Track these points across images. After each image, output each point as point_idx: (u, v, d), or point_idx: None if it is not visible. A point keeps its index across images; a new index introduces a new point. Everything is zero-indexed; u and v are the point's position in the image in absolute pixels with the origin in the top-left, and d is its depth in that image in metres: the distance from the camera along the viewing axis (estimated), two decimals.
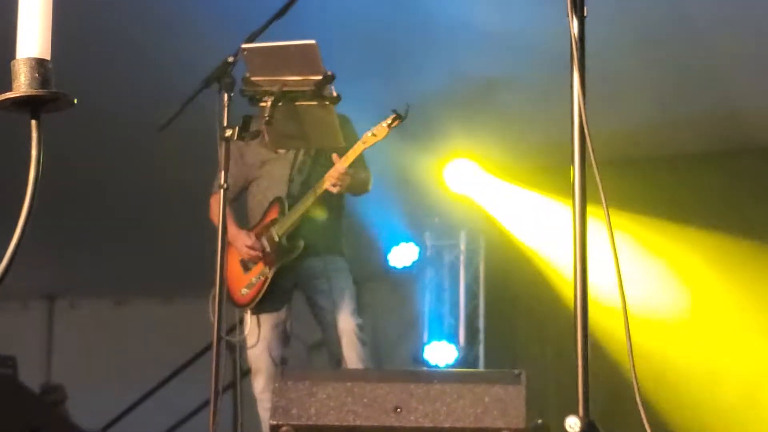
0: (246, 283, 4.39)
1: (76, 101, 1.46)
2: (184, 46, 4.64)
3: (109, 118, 5.38)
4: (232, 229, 4.40)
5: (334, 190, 4.27)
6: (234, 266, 4.41)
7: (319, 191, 4.29)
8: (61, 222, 5.76)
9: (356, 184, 4.41)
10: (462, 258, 7.47)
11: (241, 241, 4.39)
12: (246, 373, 4.69)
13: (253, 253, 4.37)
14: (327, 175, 4.25)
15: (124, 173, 6.26)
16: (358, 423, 3.37)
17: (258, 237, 4.40)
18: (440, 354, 7.05)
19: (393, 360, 7.09)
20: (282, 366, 4.33)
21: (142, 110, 4.93)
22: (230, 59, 3.65)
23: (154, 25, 4.72)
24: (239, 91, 3.78)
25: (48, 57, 1.43)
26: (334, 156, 4.26)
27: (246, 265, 4.42)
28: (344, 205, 4.57)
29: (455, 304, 7.37)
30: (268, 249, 4.37)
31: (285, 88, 3.83)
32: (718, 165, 6.43)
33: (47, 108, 1.45)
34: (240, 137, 3.70)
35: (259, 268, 4.39)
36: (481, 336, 7.24)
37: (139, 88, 5.27)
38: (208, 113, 3.67)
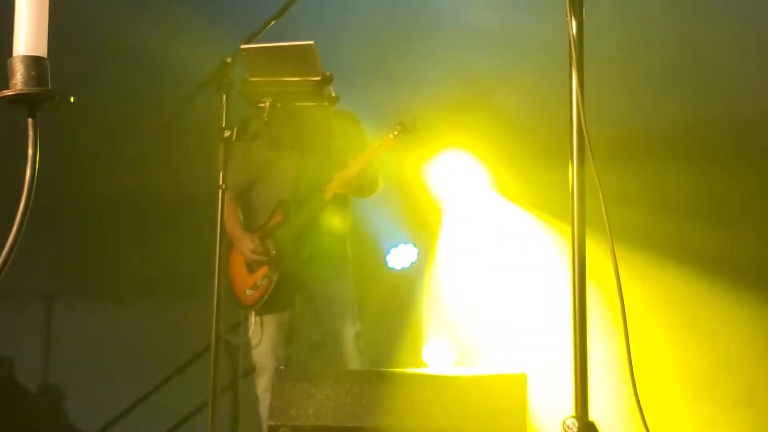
0: (251, 284, 4.39)
1: (72, 99, 1.45)
2: (182, 47, 4.64)
3: (105, 118, 5.38)
4: (238, 231, 4.41)
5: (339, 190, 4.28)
6: (239, 267, 4.41)
7: (324, 199, 4.30)
8: (61, 221, 5.75)
9: (362, 188, 4.42)
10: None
11: (245, 245, 4.39)
12: (246, 373, 4.69)
13: (257, 257, 4.37)
14: (329, 187, 4.27)
15: (123, 173, 6.25)
16: (356, 424, 3.36)
17: (262, 239, 4.40)
18: (439, 355, 7.05)
19: (391, 362, 7.08)
20: (282, 366, 4.34)
21: (139, 111, 4.93)
22: (228, 60, 3.65)
23: (152, 25, 4.72)
24: (238, 91, 3.78)
25: (45, 54, 1.42)
26: (350, 161, 4.28)
27: (251, 267, 4.42)
28: (350, 209, 4.57)
29: (455, 305, 7.37)
30: (273, 252, 4.37)
31: (283, 89, 3.84)
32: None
33: (44, 107, 1.45)
34: (239, 138, 3.70)
35: (264, 270, 4.40)
36: (483, 337, 7.24)
37: (137, 89, 5.27)
38: (207, 114, 3.67)
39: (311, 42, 3.81)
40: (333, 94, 4.02)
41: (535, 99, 4.75)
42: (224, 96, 3.67)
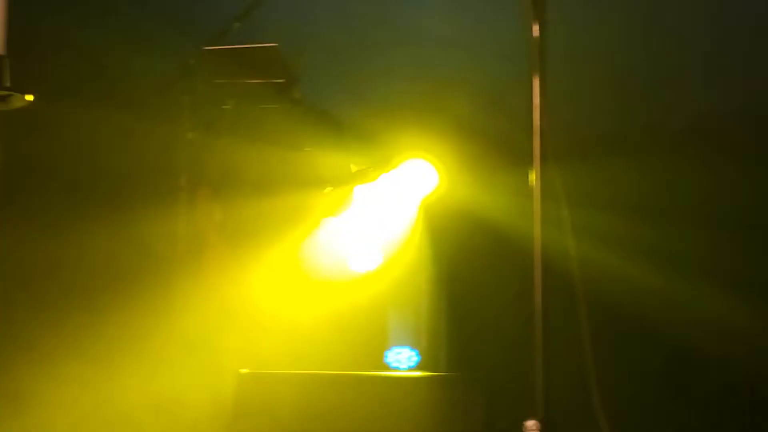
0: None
1: (31, 98, 1.45)
2: (144, 51, 4.64)
3: (62, 122, 5.36)
4: (211, 234, 4.41)
5: None
6: (215, 263, 4.42)
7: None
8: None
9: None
10: (423, 263, 7.52)
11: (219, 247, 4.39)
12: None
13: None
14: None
15: (81, 175, 6.22)
16: (316, 426, 3.37)
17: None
18: (402, 357, 7.07)
19: (355, 363, 7.10)
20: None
21: (99, 116, 4.91)
22: (191, 61, 3.65)
23: (113, 29, 4.72)
24: (201, 94, 3.78)
25: (2, 52, 1.42)
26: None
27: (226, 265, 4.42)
28: None
29: (417, 307, 7.40)
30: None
31: (247, 91, 3.85)
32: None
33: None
34: (202, 139, 3.70)
35: None
36: (443, 339, 7.27)
37: (97, 93, 5.25)
38: (169, 116, 3.66)
39: (275, 44, 3.82)
40: (299, 96, 4.04)
41: (498, 102, 4.79)
42: (187, 98, 3.67)
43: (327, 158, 4.46)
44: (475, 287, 7.14)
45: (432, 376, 3.55)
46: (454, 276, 7.64)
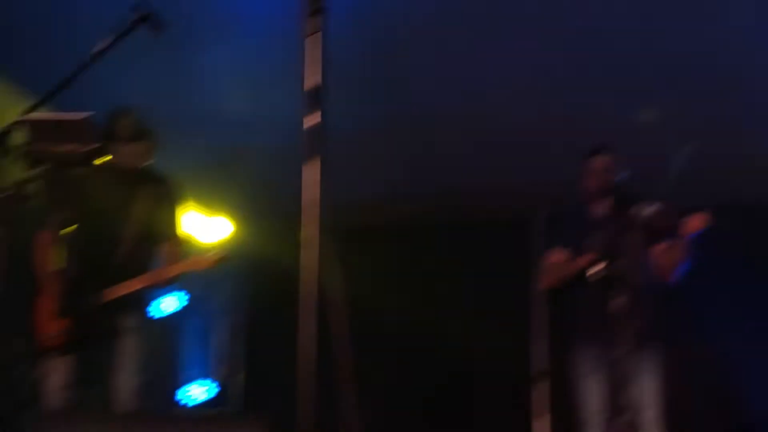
0: (57, 328, 4.46)
1: None
2: None
3: None
4: (50, 280, 4.51)
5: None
6: (47, 308, 4.50)
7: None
8: None
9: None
10: (226, 305, 7.84)
11: (53, 291, 4.49)
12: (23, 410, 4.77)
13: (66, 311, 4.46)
14: (138, 280, 4.43)
15: None
16: None
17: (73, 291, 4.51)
18: (195, 393, 7.35)
19: (153, 401, 7.22)
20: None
21: None
22: (8, 128, 3.79)
23: None
24: (18, 156, 3.93)
25: None
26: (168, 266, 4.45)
27: (58, 310, 4.49)
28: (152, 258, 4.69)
29: (218, 348, 7.69)
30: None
31: (62, 158, 4.02)
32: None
33: None
34: (14, 200, 3.87)
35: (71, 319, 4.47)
36: (241, 379, 7.59)
37: None
38: None
39: (86, 114, 3.99)
40: (115, 159, 4.28)
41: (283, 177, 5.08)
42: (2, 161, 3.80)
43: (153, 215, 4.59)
44: (274, 329, 7.46)
45: (217, 413, 3.55)
46: (254, 318, 7.93)
